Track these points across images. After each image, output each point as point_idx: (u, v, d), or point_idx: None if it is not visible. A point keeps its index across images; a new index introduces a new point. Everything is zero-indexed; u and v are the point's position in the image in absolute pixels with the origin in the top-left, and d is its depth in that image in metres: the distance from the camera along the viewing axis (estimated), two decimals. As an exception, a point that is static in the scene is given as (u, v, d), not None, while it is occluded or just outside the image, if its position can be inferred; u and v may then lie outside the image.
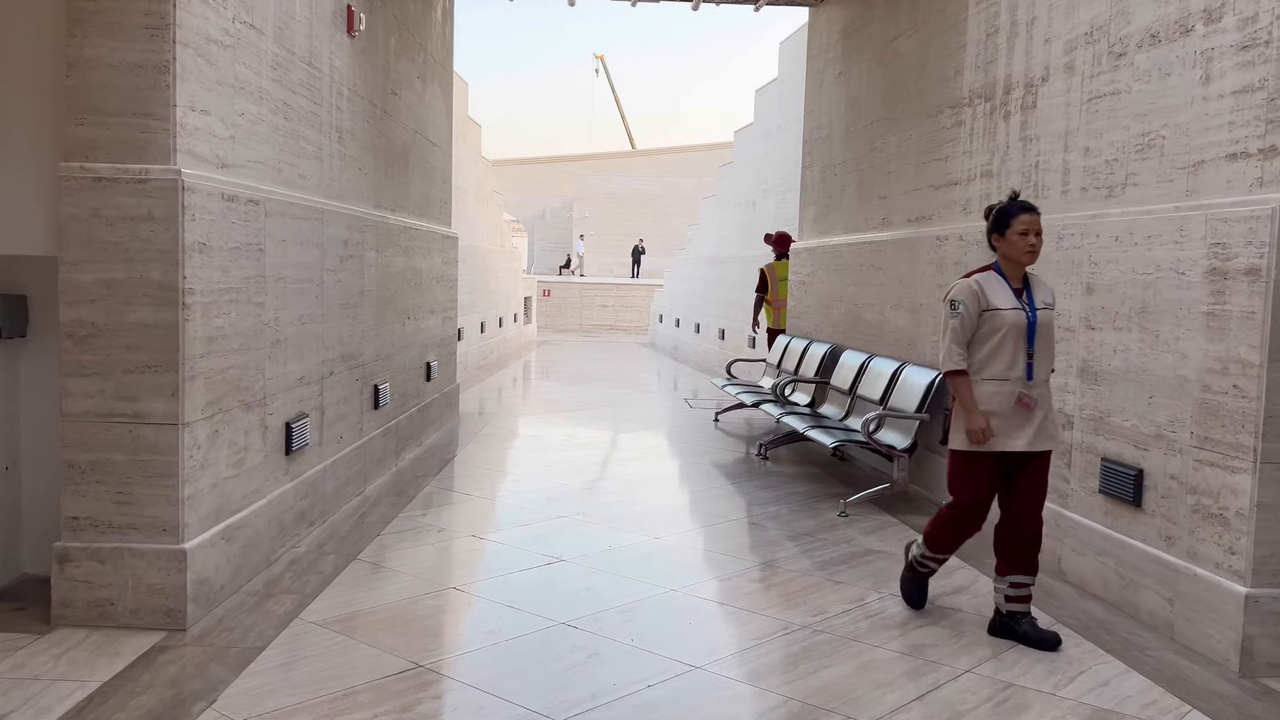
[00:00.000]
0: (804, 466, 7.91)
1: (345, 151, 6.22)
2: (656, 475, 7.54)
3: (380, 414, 7.02)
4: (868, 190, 8.20)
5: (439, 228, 9.07)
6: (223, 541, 4.37)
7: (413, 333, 8.01)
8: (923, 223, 7.07)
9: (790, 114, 12.76)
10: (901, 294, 7.31)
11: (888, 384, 7.05)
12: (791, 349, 9.56)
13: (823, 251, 9.22)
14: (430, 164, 8.74)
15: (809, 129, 9.95)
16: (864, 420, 6.30)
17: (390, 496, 6.47)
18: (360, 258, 6.43)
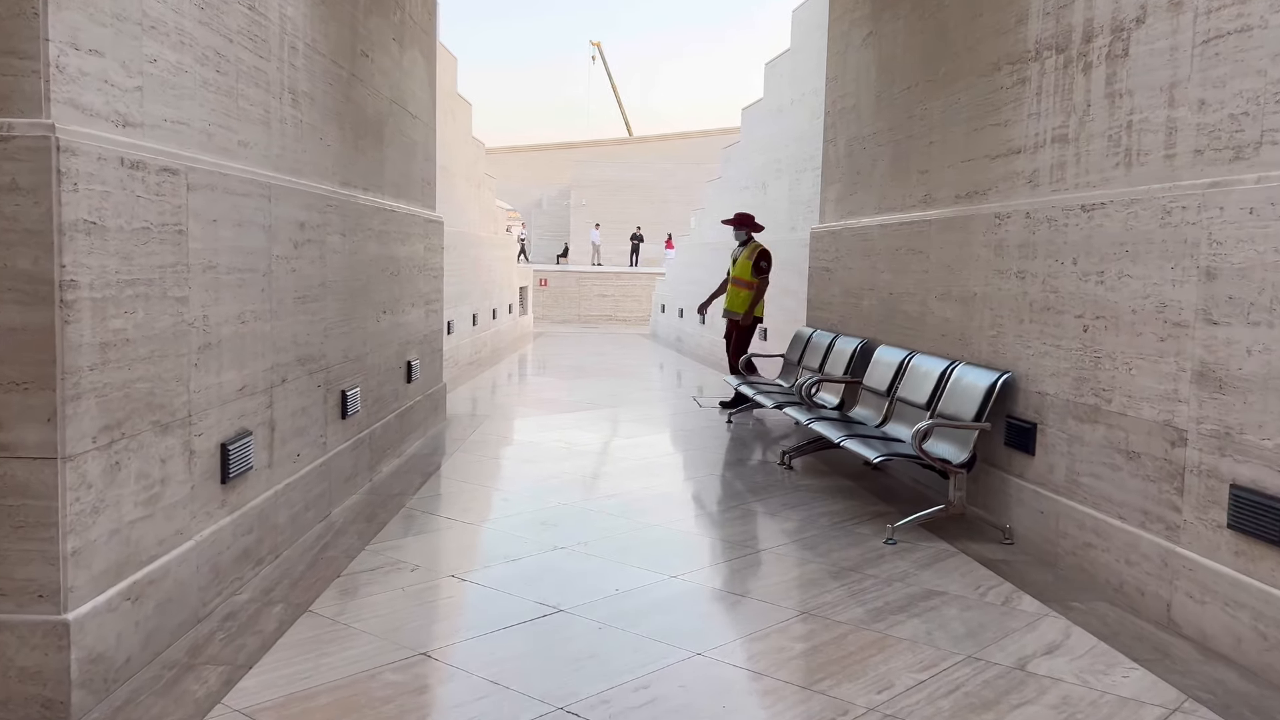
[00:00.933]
0: (833, 477, 6.97)
1: (302, 118, 5.26)
2: (666, 490, 6.60)
3: (349, 424, 6.07)
4: (904, 164, 7.24)
5: (421, 210, 8.11)
6: (127, 603, 3.43)
7: (389, 329, 7.06)
8: (976, 199, 6.12)
9: (805, 86, 11.79)
10: (949, 282, 6.36)
11: (936, 386, 6.11)
12: (814, 343, 8.61)
13: (849, 235, 8.27)
14: (410, 139, 7.77)
15: (831, 99, 8.98)
16: (915, 431, 5.36)
17: (359, 522, 5.54)
18: (321, 243, 5.47)
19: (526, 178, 50.60)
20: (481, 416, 9.46)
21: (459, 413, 9.65)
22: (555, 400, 10.97)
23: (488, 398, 11.05)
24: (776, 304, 12.21)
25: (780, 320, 12.06)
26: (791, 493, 6.49)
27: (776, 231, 12.65)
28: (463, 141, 13.90)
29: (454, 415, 9.43)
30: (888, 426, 6.61)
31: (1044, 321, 5.23)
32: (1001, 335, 5.66)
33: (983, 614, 4.29)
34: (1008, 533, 5.40)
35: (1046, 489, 5.15)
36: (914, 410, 6.31)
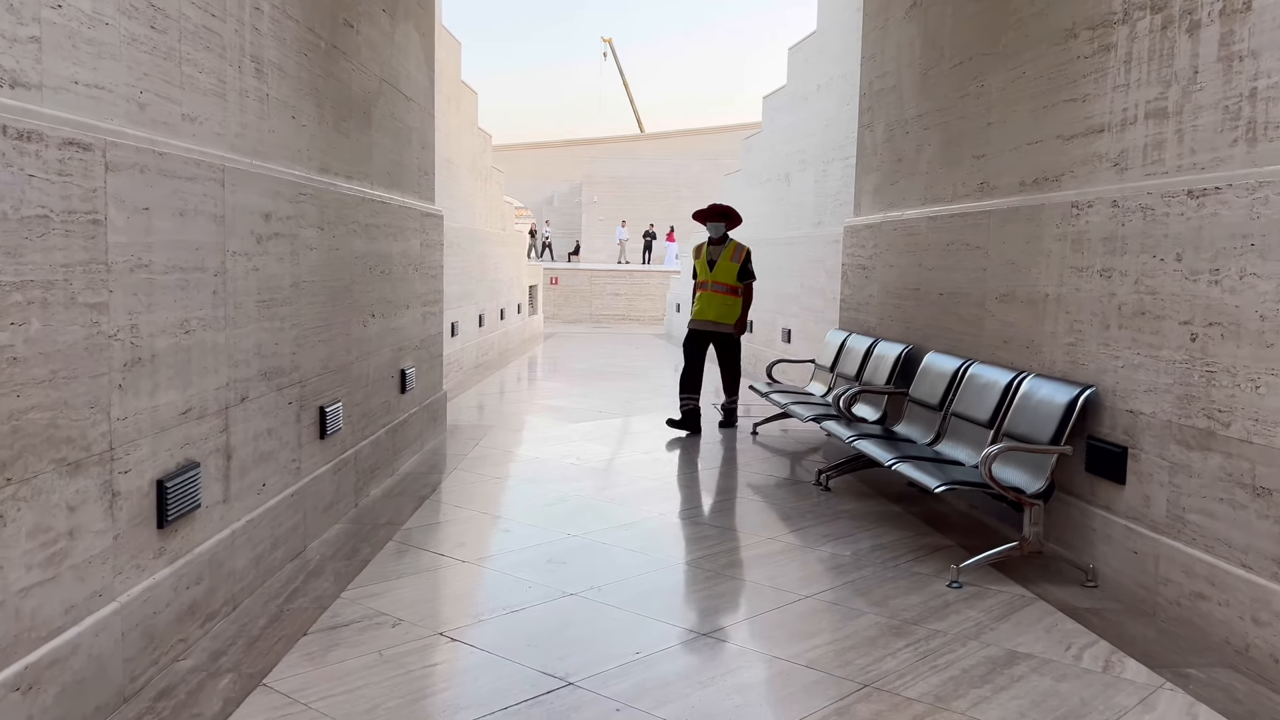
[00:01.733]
0: (876, 501, 6.20)
1: (269, 91, 4.52)
2: (689, 518, 5.83)
3: (329, 444, 5.33)
4: (956, 148, 6.45)
5: (417, 203, 7.37)
6: (16, 695, 2.69)
7: (380, 334, 6.31)
8: (1046, 185, 5.33)
9: (834, 70, 11.00)
10: (1013, 280, 5.58)
11: (1000, 401, 5.32)
12: (850, 348, 7.83)
13: (890, 229, 7.48)
14: (404, 124, 7.03)
15: (868, 80, 8.19)
16: (984, 456, 4.58)
17: (338, 560, 4.79)
18: (293, 237, 4.73)
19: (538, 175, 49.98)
20: (485, 427, 8.71)
21: (461, 423, 8.90)
22: (565, 408, 10.22)
23: (493, 405, 10.31)
24: (801, 304, 11.44)
25: (807, 321, 11.28)
26: (831, 520, 5.71)
27: (801, 226, 11.88)
28: (467, 132, 13.16)
29: (455, 426, 8.69)
30: (941, 445, 5.83)
31: (1137, 328, 4.44)
32: (1081, 343, 4.87)
33: (1082, 686, 3.52)
34: (1091, 574, 4.62)
35: (1142, 525, 4.36)
36: (973, 428, 5.52)
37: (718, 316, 8.50)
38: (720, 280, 8.50)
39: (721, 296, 8.51)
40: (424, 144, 7.69)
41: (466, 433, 8.41)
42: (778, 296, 12.53)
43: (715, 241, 8.57)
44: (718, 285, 8.49)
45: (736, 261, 8.48)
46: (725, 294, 8.50)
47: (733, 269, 8.48)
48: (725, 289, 8.50)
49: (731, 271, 8.48)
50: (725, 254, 8.51)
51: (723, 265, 8.49)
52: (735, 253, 8.50)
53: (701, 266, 8.60)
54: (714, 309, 8.51)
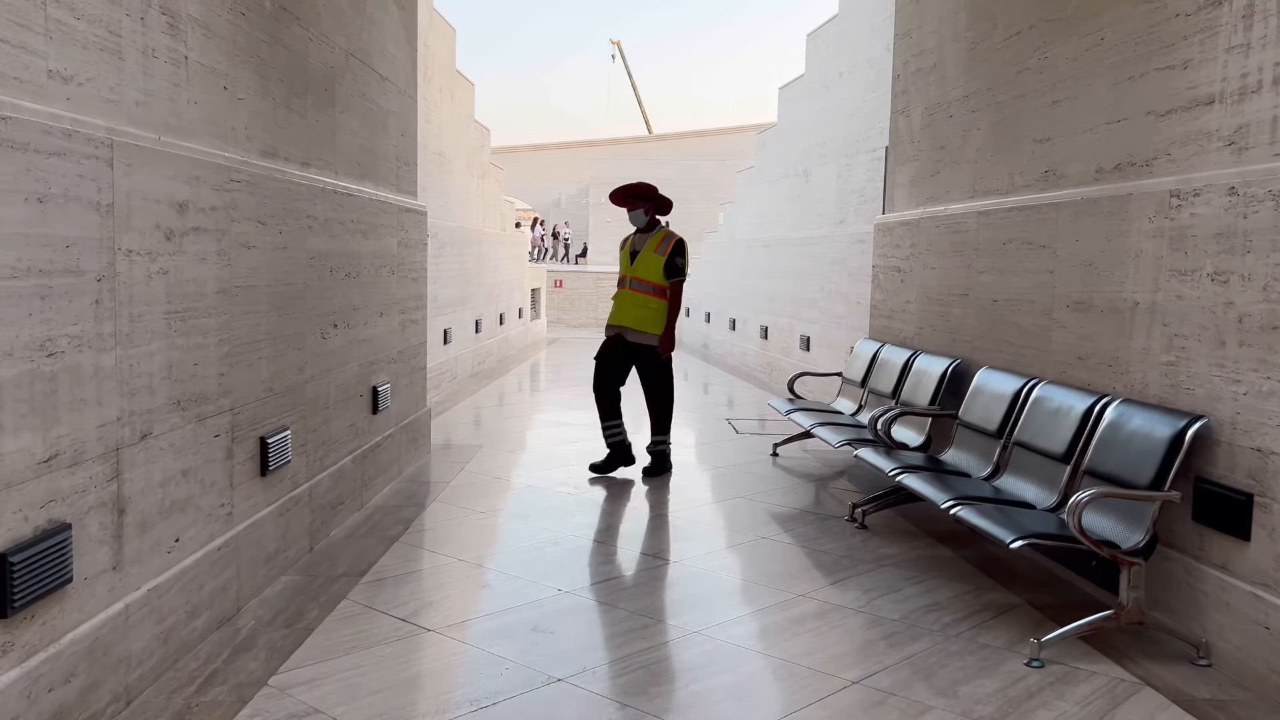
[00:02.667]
0: (920, 541, 5.31)
1: (188, 53, 3.66)
2: (705, 567, 4.95)
3: (274, 481, 4.46)
4: (1012, 132, 5.56)
5: (394, 196, 6.50)
6: None
7: (344, 347, 5.45)
8: (1134, 172, 4.43)
9: (857, 56, 10.12)
10: (1090, 285, 4.68)
11: (1078, 431, 4.43)
12: (884, 361, 6.93)
13: (930, 225, 6.59)
14: (377, 106, 6.17)
15: (902, 60, 7.30)
16: (1073, 504, 3.68)
17: (276, 627, 3.92)
18: (222, 233, 3.87)
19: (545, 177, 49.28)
20: (475, 447, 7.84)
21: (448, 441, 8.04)
22: (563, 423, 9.34)
23: (487, 419, 9.43)
24: (821, 309, 10.55)
25: (828, 328, 10.39)
26: (874, 569, 4.82)
27: (822, 225, 10.99)
28: (463, 125, 12.31)
29: (441, 446, 7.83)
30: (1002, 481, 4.93)
31: (1266, 345, 3.55)
32: (1185, 363, 3.98)
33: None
34: (1203, 650, 3.73)
35: (1275, 594, 3.47)
36: (1043, 462, 4.63)
37: (635, 322, 6.74)
38: (641, 277, 6.76)
39: (641, 298, 6.74)
40: (404, 131, 6.83)
41: (454, 453, 7.54)
42: (795, 301, 11.64)
43: (640, 230, 6.92)
44: (638, 283, 6.77)
45: (662, 254, 6.73)
46: (647, 294, 6.73)
47: (657, 263, 6.72)
48: (647, 288, 6.74)
49: (655, 266, 6.72)
50: (650, 244, 6.80)
51: (645, 259, 6.77)
52: (663, 243, 6.78)
53: (623, 260, 6.96)
54: (630, 312, 6.77)
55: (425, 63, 10.24)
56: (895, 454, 5.49)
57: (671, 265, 6.72)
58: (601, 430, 6.91)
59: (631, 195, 6.85)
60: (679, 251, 6.77)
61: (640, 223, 6.88)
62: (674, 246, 6.78)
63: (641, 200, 6.85)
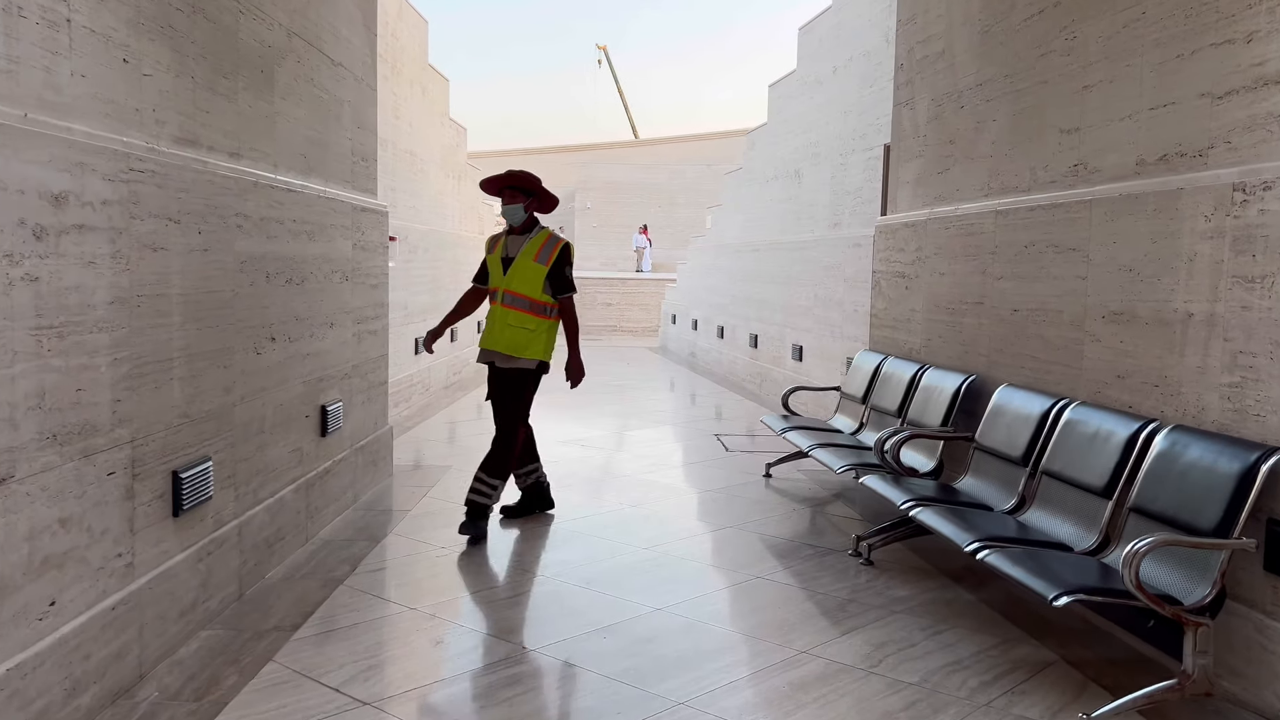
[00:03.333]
0: (935, 581, 4.73)
1: (75, 17, 3.05)
2: (696, 615, 4.34)
3: (190, 522, 3.84)
4: (1035, 122, 4.99)
5: (349, 195, 5.89)
6: None
7: (284, 362, 4.83)
8: (1185, 163, 3.86)
9: (854, 48, 9.56)
10: (1131, 293, 4.11)
11: (1120, 460, 3.85)
12: (888, 376, 6.35)
13: (939, 227, 6.01)
14: (328, 94, 5.55)
15: (906, 48, 6.73)
16: (1128, 554, 3.09)
17: (184, 700, 3.30)
18: (117, 232, 3.25)
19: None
20: (442, 468, 7.21)
21: (417, 461, 7.42)
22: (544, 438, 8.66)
23: (459, 435, 8.81)
24: (814, 317, 9.97)
25: (822, 337, 9.81)
26: (885, 617, 4.23)
27: (815, 229, 10.42)
28: (437, 123, 11.69)
29: (408, 466, 7.20)
30: (1029, 515, 4.35)
31: (1361, 366, 2.97)
32: (1254, 385, 3.41)
33: None
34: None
35: (1375, 664, 2.89)
36: (1078, 496, 4.05)
37: (511, 347, 5.36)
38: (517, 290, 5.37)
39: (517, 316, 5.36)
40: (361, 123, 6.22)
41: (419, 475, 6.91)
42: (787, 309, 11.06)
43: (515, 230, 5.53)
44: (512, 298, 5.38)
45: (544, 263, 5.35)
46: (523, 312, 5.36)
47: (537, 274, 5.35)
48: (523, 304, 5.36)
49: (535, 277, 5.35)
50: (528, 249, 5.40)
51: (523, 268, 5.37)
52: (545, 249, 5.39)
53: (494, 267, 5.51)
54: (502, 335, 5.38)
55: (394, 55, 9.64)
56: (904, 482, 4.91)
57: (559, 277, 5.38)
58: (514, 476, 5.75)
59: (511, 185, 5.49)
60: (566, 259, 5.42)
61: (516, 220, 5.47)
62: (560, 253, 5.39)
63: (522, 193, 5.49)
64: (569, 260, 5.43)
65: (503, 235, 5.59)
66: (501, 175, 5.55)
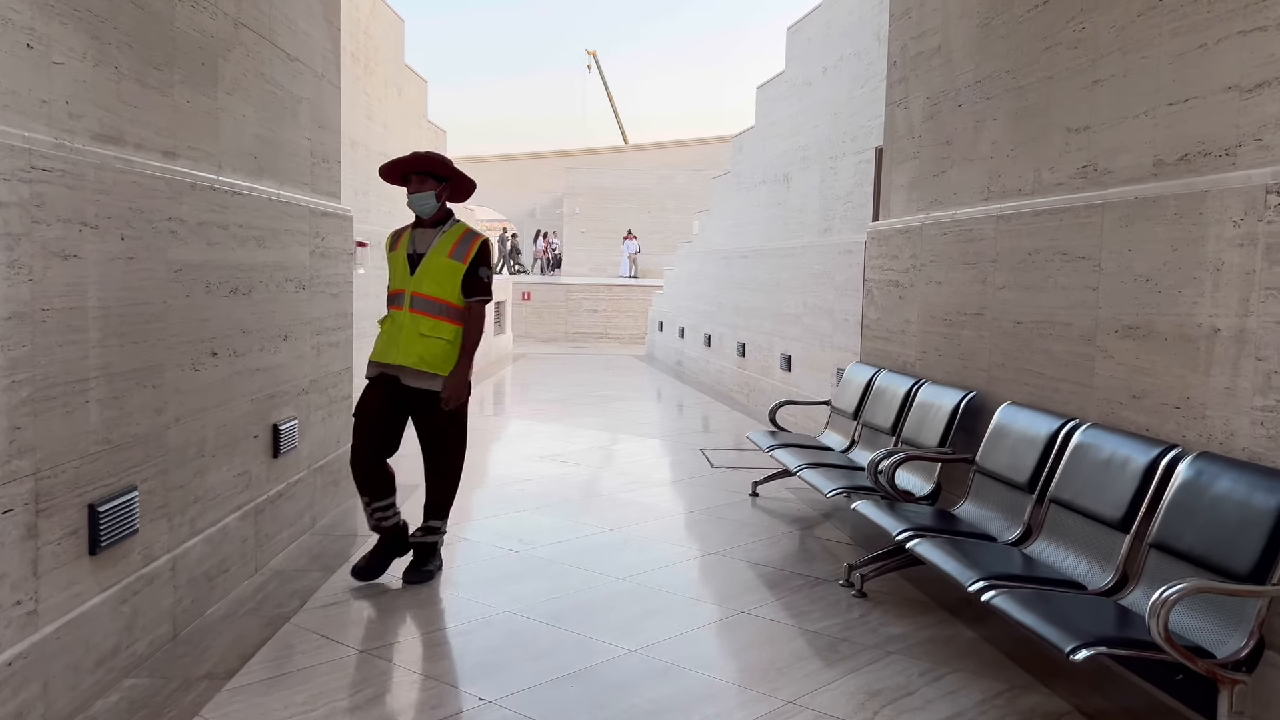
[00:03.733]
0: (933, 615, 4.37)
1: (-40, -8, 2.66)
2: (676, 654, 3.98)
3: (112, 559, 3.45)
4: (1039, 121, 4.66)
5: (308, 198, 5.52)
6: None
7: (230, 379, 4.44)
8: (1208, 164, 3.52)
9: (844, 48, 9.24)
10: (1148, 305, 3.77)
11: (1138, 490, 3.50)
12: (881, 391, 6.00)
13: (935, 233, 5.68)
14: (284, 90, 5.19)
15: (900, 44, 6.40)
16: (1156, 602, 2.73)
17: (89, 767, 2.92)
18: (16, 238, 2.87)
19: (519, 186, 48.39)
20: (410, 487, 6.81)
21: (383, 480, 7.02)
22: (519, 454, 8.37)
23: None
24: (803, 325, 9.62)
25: (811, 346, 9.47)
26: (879, 658, 3.87)
27: (804, 235, 10.09)
28: (414, 124, 11.32)
29: (373, 485, 6.80)
30: (1036, 547, 3.99)
31: None
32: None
33: None
34: (1327, 792, 2.79)
35: None
36: (1092, 528, 3.70)
37: (422, 360, 4.53)
38: (429, 293, 4.56)
39: (429, 323, 4.55)
40: (322, 122, 5.85)
41: (385, 496, 6.52)
42: (775, 317, 10.72)
43: (424, 223, 4.73)
44: (424, 302, 4.56)
45: (461, 260, 4.58)
46: (437, 319, 4.56)
47: (453, 272, 4.57)
48: (439, 309, 4.56)
49: (451, 277, 4.57)
50: (442, 245, 4.61)
51: (435, 265, 4.57)
52: (461, 244, 4.61)
53: (396, 266, 4.71)
54: (412, 346, 4.54)
55: (367, 54, 9.27)
56: (900, 509, 4.55)
57: (473, 278, 4.58)
58: (367, 514, 4.72)
59: (417, 169, 4.68)
60: (484, 258, 4.64)
61: (426, 210, 4.67)
62: (478, 250, 4.61)
63: (432, 178, 4.68)
64: (487, 259, 4.66)
65: (406, 230, 4.78)
66: (405, 158, 4.76)
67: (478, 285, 4.61)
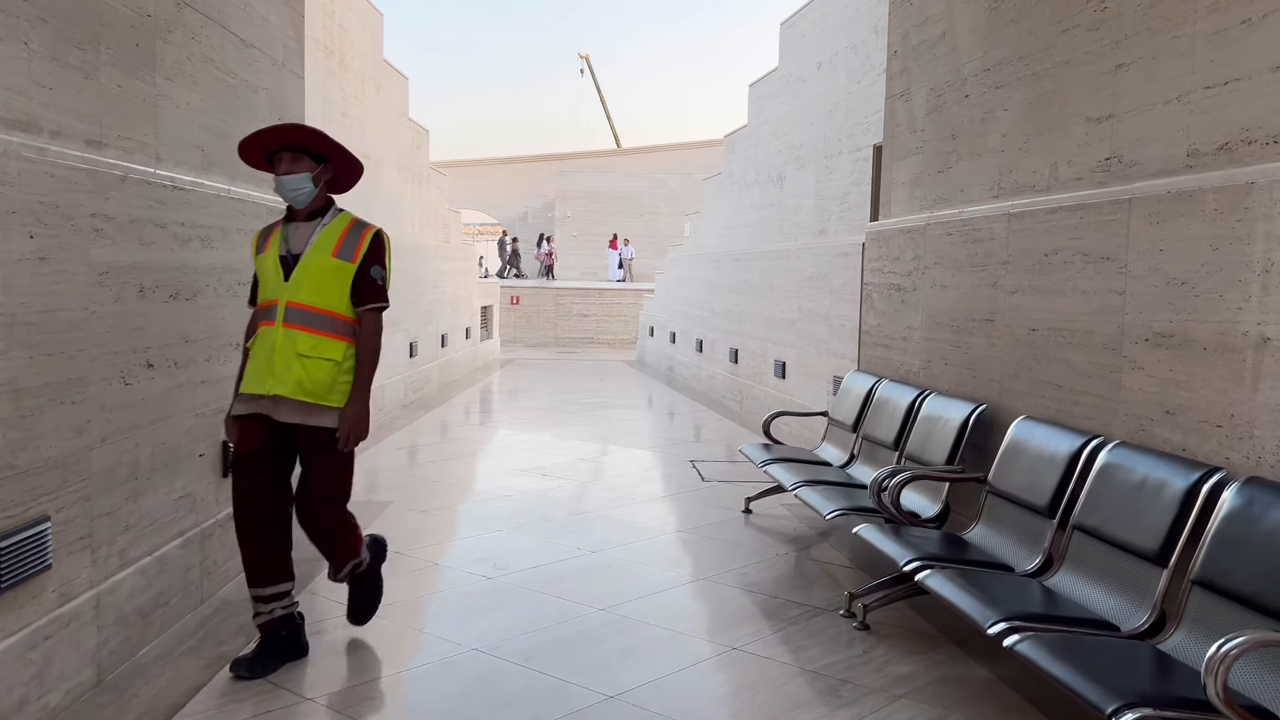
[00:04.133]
0: (942, 651, 3.98)
1: None
2: (659, 702, 3.59)
3: (16, 601, 3.04)
4: (1055, 109, 4.28)
5: (265, 196, 5.11)
6: None
7: (168, 394, 4.04)
8: (1252, 153, 3.15)
9: (840, 42, 8.87)
10: (1184, 310, 3.39)
11: (1176, 519, 3.12)
12: (882, 402, 5.62)
13: (939, 233, 5.30)
14: (237, 79, 4.79)
15: (900, 33, 6.03)
16: (1216, 656, 2.35)
17: None
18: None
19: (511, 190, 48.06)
20: (382, 504, 6.43)
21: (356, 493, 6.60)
22: (499, 467, 7.97)
23: (405, 464, 8.02)
24: (798, 331, 9.24)
25: (806, 353, 9.09)
26: (887, 704, 3.47)
27: (798, 237, 9.71)
28: (394, 123, 10.92)
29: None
30: (1059, 578, 3.60)
31: None
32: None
33: None
34: None
35: None
36: (1124, 560, 3.32)
37: (301, 389, 3.54)
38: (307, 301, 3.58)
39: (311, 340, 3.57)
40: (282, 114, 5.44)
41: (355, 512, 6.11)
42: (769, 322, 10.34)
43: (298, 215, 3.73)
44: (300, 313, 3.57)
45: (348, 258, 3.62)
46: (320, 334, 3.58)
47: (338, 277, 3.61)
48: (322, 322, 3.59)
49: (337, 281, 3.61)
50: (324, 241, 3.64)
51: (314, 266, 3.60)
52: (349, 238, 3.66)
53: (268, 271, 3.66)
54: (288, 369, 3.54)
55: (342, 48, 8.88)
56: (906, 534, 4.16)
57: (365, 281, 3.61)
58: (253, 601, 3.72)
59: (288, 143, 3.64)
60: (376, 255, 3.65)
61: (301, 198, 3.64)
62: (369, 246, 3.63)
63: (309, 157, 3.64)
64: (381, 257, 3.67)
65: (276, 226, 3.73)
66: (269, 130, 3.73)
67: (371, 290, 3.63)
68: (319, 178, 3.71)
